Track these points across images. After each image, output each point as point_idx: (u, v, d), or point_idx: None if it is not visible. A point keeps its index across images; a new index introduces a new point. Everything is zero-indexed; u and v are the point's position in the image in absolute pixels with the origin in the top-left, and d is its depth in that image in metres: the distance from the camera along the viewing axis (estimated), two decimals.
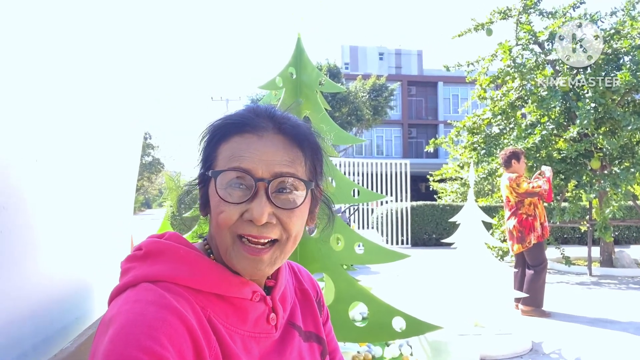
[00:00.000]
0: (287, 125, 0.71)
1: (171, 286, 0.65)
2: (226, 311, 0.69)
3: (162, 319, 0.59)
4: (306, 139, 0.72)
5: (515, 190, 4.66)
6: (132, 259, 0.72)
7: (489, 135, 7.76)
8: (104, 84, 1.38)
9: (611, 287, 6.21)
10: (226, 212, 0.67)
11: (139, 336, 0.56)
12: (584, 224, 7.84)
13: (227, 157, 0.69)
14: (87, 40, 1.25)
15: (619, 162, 7.13)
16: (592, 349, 3.62)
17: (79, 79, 1.21)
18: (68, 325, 1.18)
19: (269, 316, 0.74)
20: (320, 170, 0.76)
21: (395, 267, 7.46)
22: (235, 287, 0.70)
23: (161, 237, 0.73)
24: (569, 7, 7.39)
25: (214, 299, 0.69)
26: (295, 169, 0.69)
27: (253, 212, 0.65)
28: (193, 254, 0.70)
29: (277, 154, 0.68)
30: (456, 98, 34.20)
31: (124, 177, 1.66)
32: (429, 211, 11.75)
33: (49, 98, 1.04)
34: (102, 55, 1.35)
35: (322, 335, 0.86)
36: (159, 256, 0.69)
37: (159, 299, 0.62)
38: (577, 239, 11.88)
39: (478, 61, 7.88)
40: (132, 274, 0.68)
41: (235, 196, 0.67)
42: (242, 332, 0.70)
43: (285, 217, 0.68)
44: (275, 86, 3.12)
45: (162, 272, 0.67)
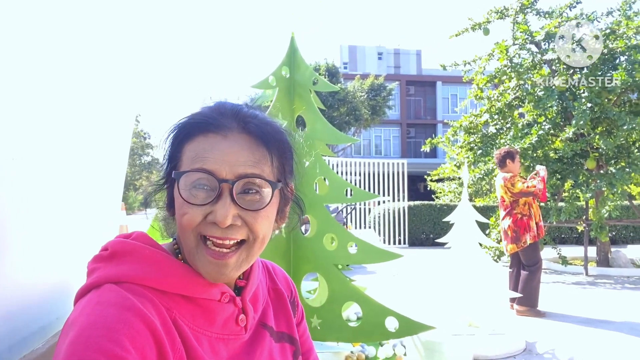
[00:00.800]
0: (252, 124, 0.69)
1: (135, 287, 0.64)
2: (193, 313, 0.68)
3: (124, 321, 0.58)
4: (273, 138, 0.70)
5: (510, 190, 4.66)
6: (98, 260, 0.71)
7: (485, 135, 7.76)
8: (87, 81, 1.36)
9: (607, 287, 6.21)
10: (190, 214, 0.66)
11: (99, 339, 0.55)
12: (581, 224, 7.84)
13: (191, 157, 0.68)
14: (71, 35, 1.24)
15: (615, 162, 7.13)
16: (586, 349, 3.62)
17: (60, 76, 1.20)
18: (47, 326, 1.17)
19: (239, 317, 0.73)
20: (289, 169, 0.74)
21: (392, 267, 7.46)
22: (202, 288, 0.69)
23: (128, 237, 0.72)
24: (565, 7, 7.40)
25: (181, 300, 0.68)
26: (261, 170, 0.68)
27: (217, 214, 0.64)
28: (159, 254, 0.69)
29: (241, 155, 0.67)
30: (455, 98, 34.20)
31: (109, 175, 1.65)
32: (426, 211, 11.75)
33: (28, 95, 1.03)
34: (86, 52, 1.34)
35: (295, 335, 0.85)
36: (125, 256, 0.68)
37: (122, 300, 0.61)
38: (575, 238, 11.88)
39: (475, 61, 7.89)
40: (96, 275, 0.67)
41: (198, 198, 0.66)
42: (210, 334, 0.69)
43: (250, 219, 0.67)
44: (268, 85, 3.11)
45: (127, 272, 0.66)
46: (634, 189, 8.80)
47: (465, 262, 3.74)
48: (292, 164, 0.75)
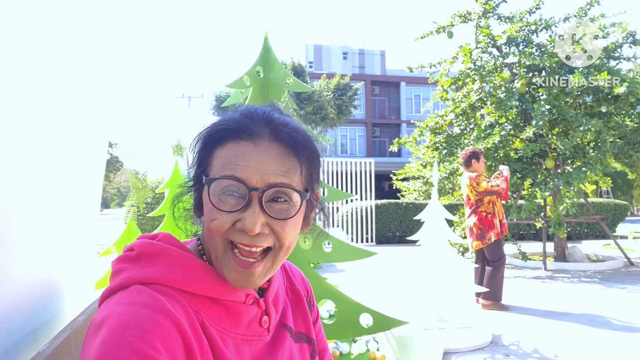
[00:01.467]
0: (284, 133, 0.69)
1: (164, 289, 0.65)
2: (219, 314, 0.69)
3: (156, 322, 0.58)
4: (303, 147, 0.70)
5: (475, 189, 4.82)
6: (123, 260, 0.70)
7: (450, 136, 7.97)
8: (71, 86, 1.35)
9: (565, 280, 6.51)
10: (218, 220, 0.66)
11: (132, 339, 0.55)
12: (539, 221, 8.18)
13: (222, 163, 0.67)
14: (54, 43, 1.22)
15: (572, 161, 7.48)
16: (548, 340, 3.80)
17: (46, 82, 1.18)
18: (38, 329, 1.15)
19: (262, 319, 0.74)
20: (316, 177, 0.74)
21: (361, 265, 7.56)
22: (228, 290, 0.69)
23: (153, 238, 0.72)
24: (525, 12, 7.69)
25: (207, 302, 0.68)
26: (291, 179, 0.68)
27: (246, 222, 0.65)
28: (186, 256, 0.69)
29: (272, 164, 0.67)
30: (418, 98, 34.88)
31: (90, 178, 1.63)
32: (392, 209, 11.95)
33: (16, 100, 1.02)
34: (69, 58, 1.33)
35: (313, 335, 0.86)
36: (152, 258, 0.68)
37: (153, 301, 0.61)
38: (533, 235, 12.37)
39: (440, 63, 8.09)
40: (124, 275, 0.67)
41: (228, 204, 0.66)
42: (235, 336, 0.70)
43: (278, 227, 0.67)
44: (242, 85, 3.11)
45: (155, 274, 0.66)
46: (588, 187, 9.25)
47: (435, 259, 3.85)
48: (319, 170, 0.76)
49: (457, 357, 3.44)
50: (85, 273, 1.61)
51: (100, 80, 1.66)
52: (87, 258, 1.62)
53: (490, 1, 7.62)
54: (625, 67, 7.15)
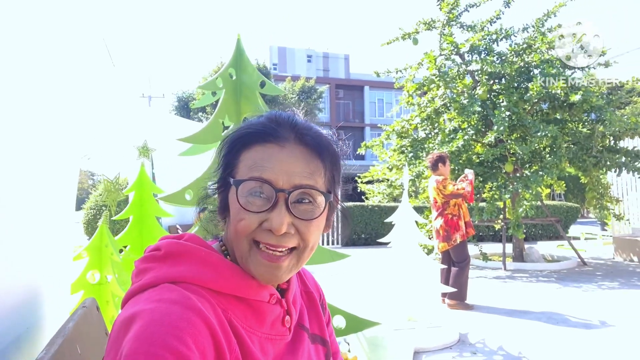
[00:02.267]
0: (308, 137, 0.72)
1: (193, 287, 0.66)
2: (245, 313, 0.70)
3: (187, 320, 0.59)
4: (327, 150, 0.73)
5: (442, 192, 4.95)
6: (150, 260, 0.71)
7: (415, 139, 8.15)
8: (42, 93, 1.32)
9: (523, 280, 6.78)
10: (246, 220, 0.68)
11: (165, 336, 0.56)
12: (499, 223, 8.47)
13: (249, 165, 0.70)
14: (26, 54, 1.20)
15: (529, 165, 7.80)
16: (512, 337, 3.95)
17: (17, 89, 1.16)
18: (21, 336, 1.12)
19: (284, 318, 0.76)
20: (338, 179, 0.77)
21: (330, 267, 7.60)
22: (254, 290, 0.71)
23: (180, 238, 0.73)
24: (486, 22, 7.97)
25: (234, 301, 0.70)
26: (315, 181, 0.70)
27: (273, 222, 0.67)
28: (214, 255, 0.71)
29: (297, 166, 0.69)
30: (382, 102, 35.42)
31: (65, 185, 1.59)
32: (358, 212, 12.08)
33: None
34: (40, 63, 1.30)
35: (327, 337, 0.88)
36: (180, 257, 0.69)
37: (183, 299, 0.62)
38: (492, 236, 12.79)
39: (406, 69, 8.26)
40: (152, 274, 0.67)
41: (255, 205, 0.68)
42: (260, 334, 0.71)
43: (303, 227, 0.69)
44: (215, 87, 3.08)
45: (183, 273, 0.67)
46: (543, 190, 9.66)
47: (406, 261, 3.93)
48: (340, 173, 0.78)
49: (427, 356, 3.52)
50: (63, 278, 1.57)
51: (71, 85, 1.63)
52: (64, 264, 1.58)
53: (454, 10, 7.85)
54: (579, 76, 7.52)
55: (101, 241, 2.46)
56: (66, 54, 1.57)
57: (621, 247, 8.93)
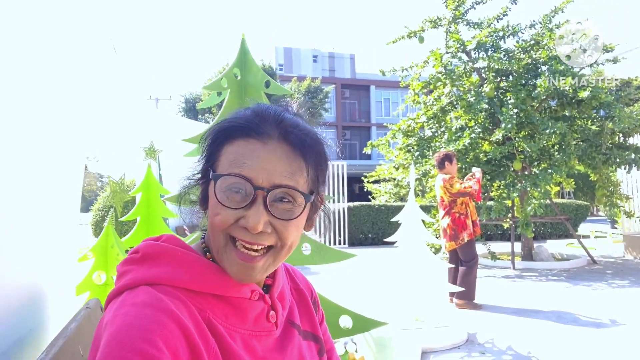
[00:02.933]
0: (293, 135, 0.70)
1: (168, 289, 0.65)
2: (226, 311, 0.70)
3: (158, 322, 0.59)
4: (311, 149, 0.71)
5: (449, 191, 4.92)
6: (129, 262, 0.71)
7: (422, 138, 8.11)
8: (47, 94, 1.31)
9: (533, 279, 6.72)
10: (222, 215, 0.67)
11: (134, 339, 0.56)
12: (507, 221, 8.41)
13: (230, 160, 0.69)
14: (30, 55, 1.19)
15: (538, 163, 7.73)
16: (521, 337, 3.91)
17: (22, 92, 1.15)
18: (23, 338, 1.12)
19: (269, 314, 0.75)
20: (322, 179, 0.76)
21: (336, 267, 7.56)
22: (233, 287, 0.70)
23: (158, 239, 0.73)
24: (493, 19, 7.91)
25: (213, 299, 0.69)
26: (296, 181, 0.69)
27: (249, 220, 0.66)
28: (190, 255, 0.70)
29: (279, 164, 0.68)
30: (388, 101, 35.33)
31: (70, 185, 1.59)
32: (365, 211, 12.04)
33: None
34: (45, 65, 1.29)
35: (319, 333, 0.88)
36: (157, 259, 0.69)
37: (156, 301, 0.62)
38: (499, 235, 12.70)
39: (412, 67, 8.21)
40: (129, 277, 0.67)
41: (233, 201, 0.67)
42: (243, 331, 0.71)
43: (281, 227, 0.68)
44: (220, 87, 3.08)
45: (159, 274, 0.67)
46: (552, 188, 9.56)
47: (412, 260, 3.90)
48: (326, 174, 0.77)
49: (435, 356, 3.49)
50: (67, 279, 1.56)
51: (76, 87, 1.62)
52: (68, 265, 1.57)
53: (460, 7, 7.80)
54: (588, 73, 7.45)
55: (107, 242, 2.46)
56: (73, 55, 1.57)
57: (632, 245, 8.83)
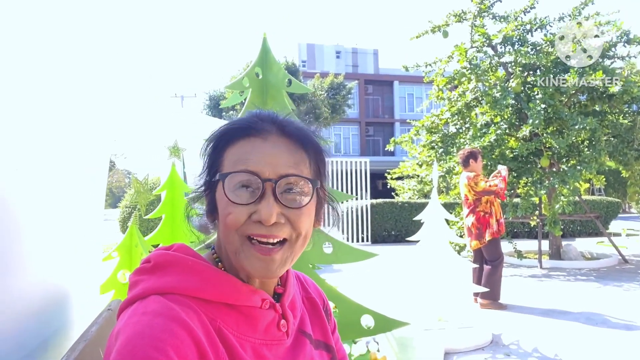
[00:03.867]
0: (291, 128, 0.73)
1: (179, 298, 0.66)
2: (236, 320, 0.70)
3: (169, 331, 0.59)
4: (309, 141, 0.74)
5: (473, 189, 4.83)
6: (140, 272, 0.71)
7: (446, 135, 7.99)
8: (72, 92, 1.33)
9: (561, 279, 6.55)
10: (234, 214, 0.68)
11: (145, 348, 0.56)
12: (534, 219, 8.22)
13: (234, 160, 0.70)
14: (57, 53, 1.20)
15: (567, 160, 7.52)
16: (548, 339, 3.81)
17: (48, 89, 1.17)
18: (48, 339, 1.14)
19: (279, 323, 0.75)
20: (323, 172, 0.77)
21: (358, 265, 7.54)
22: (244, 296, 0.71)
23: (169, 248, 0.73)
24: (520, 12, 7.72)
25: (224, 308, 0.69)
26: (301, 170, 0.71)
27: (261, 212, 0.66)
28: (201, 264, 0.70)
29: (282, 156, 0.70)
30: (411, 97, 34.95)
31: (94, 186, 1.61)
32: (388, 208, 11.96)
33: (24, 109, 1.00)
34: (69, 64, 1.31)
35: (331, 343, 0.87)
36: (167, 268, 0.69)
37: (166, 310, 0.62)
38: (526, 233, 12.43)
39: (435, 62, 8.10)
40: (140, 287, 0.68)
41: (243, 197, 0.68)
42: (253, 340, 0.71)
43: (293, 216, 0.69)
44: (241, 86, 3.09)
45: (170, 284, 0.67)
46: (582, 185, 9.31)
47: (435, 259, 3.85)
48: (325, 167, 0.78)
49: (458, 357, 3.44)
50: (91, 280, 1.59)
51: (101, 85, 1.64)
52: (92, 265, 1.60)
53: (485, 1, 7.64)
54: (619, 66, 7.20)
55: (131, 241, 2.51)
56: (99, 53, 1.59)
57: None
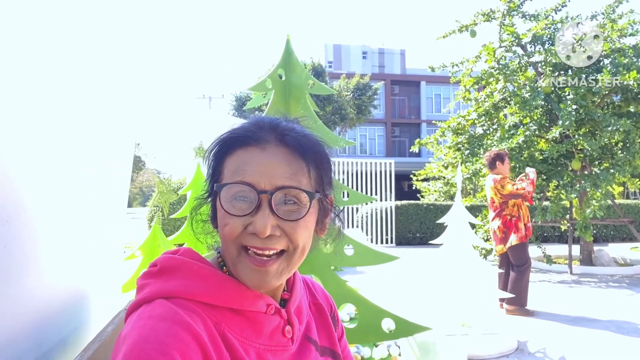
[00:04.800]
0: (289, 137, 0.71)
1: (185, 302, 0.66)
2: (241, 325, 0.70)
3: (174, 335, 0.60)
4: (310, 150, 0.72)
5: (500, 192, 4.73)
6: (147, 276, 0.72)
7: (472, 136, 7.85)
8: (96, 96, 1.35)
9: (591, 285, 6.35)
10: (230, 225, 0.68)
11: (151, 352, 0.57)
12: (565, 223, 7.99)
13: (232, 170, 0.70)
14: (81, 51, 1.22)
15: (599, 162, 7.28)
16: (576, 348, 3.70)
17: (74, 92, 1.19)
18: (67, 337, 1.16)
19: (285, 329, 0.75)
20: (328, 180, 0.76)
21: (381, 267, 7.49)
22: (249, 301, 0.70)
23: (175, 252, 0.74)
24: (551, 10, 7.52)
25: (229, 313, 0.69)
26: (298, 181, 0.69)
27: (256, 225, 0.66)
28: (206, 269, 0.71)
29: (279, 167, 0.69)
30: (438, 97, 34.52)
31: (117, 188, 1.64)
32: (413, 210, 11.84)
33: (45, 110, 1.02)
34: (96, 66, 1.33)
35: (338, 350, 0.86)
36: (173, 272, 0.70)
37: (172, 315, 0.63)
38: (557, 237, 12.10)
39: (462, 62, 7.97)
40: (147, 290, 0.68)
41: (239, 209, 0.68)
42: (258, 346, 0.71)
43: (289, 229, 0.68)
44: (264, 88, 3.11)
45: (176, 288, 0.67)
46: (615, 188, 9.00)
47: (459, 263, 3.79)
48: (330, 175, 0.77)
49: None
50: (112, 279, 1.62)
51: (125, 86, 1.67)
52: (113, 264, 1.63)
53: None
54: None
55: (154, 241, 2.55)
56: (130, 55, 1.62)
57: None
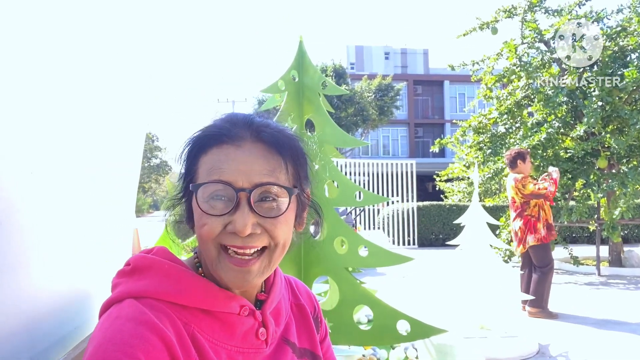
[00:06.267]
0: (265, 133, 0.70)
1: (154, 302, 0.65)
2: (212, 326, 0.69)
3: (140, 336, 0.59)
4: (286, 145, 0.71)
5: (521, 191, 4.62)
6: (120, 275, 0.72)
7: (494, 135, 7.71)
8: (102, 91, 1.37)
9: (620, 287, 6.15)
10: (208, 225, 0.66)
11: (116, 353, 0.56)
12: (592, 224, 7.77)
13: (207, 169, 0.68)
14: (85, 44, 1.24)
15: (627, 161, 7.05)
16: (600, 352, 3.58)
17: (75, 87, 1.20)
18: (67, 335, 1.18)
19: (259, 331, 0.73)
20: (304, 175, 0.75)
21: (401, 269, 7.43)
22: (221, 302, 0.69)
23: (149, 252, 0.73)
24: (574, 5, 7.33)
25: (200, 314, 0.68)
26: (277, 178, 0.68)
27: (236, 224, 0.65)
28: (177, 268, 0.70)
29: (256, 164, 0.67)
30: (462, 97, 34.04)
31: (124, 182, 1.66)
32: (435, 211, 11.70)
33: (43, 107, 1.04)
34: (100, 59, 1.35)
35: (318, 352, 0.84)
36: (145, 271, 0.69)
37: (139, 315, 0.62)
38: (586, 237, 11.76)
39: (483, 60, 7.84)
40: (118, 290, 0.68)
41: (217, 208, 0.66)
42: (229, 347, 0.69)
43: (270, 226, 0.67)
44: (277, 89, 3.13)
45: (146, 287, 0.67)
46: None
47: (477, 264, 3.72)
48: (307, 169, 0.76)
49: None
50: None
51: (135, 88, 1.69)
52: (118, 264, 1.65)
53: None
54: None
55: (166, 241, 2.58)
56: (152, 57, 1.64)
57: None
